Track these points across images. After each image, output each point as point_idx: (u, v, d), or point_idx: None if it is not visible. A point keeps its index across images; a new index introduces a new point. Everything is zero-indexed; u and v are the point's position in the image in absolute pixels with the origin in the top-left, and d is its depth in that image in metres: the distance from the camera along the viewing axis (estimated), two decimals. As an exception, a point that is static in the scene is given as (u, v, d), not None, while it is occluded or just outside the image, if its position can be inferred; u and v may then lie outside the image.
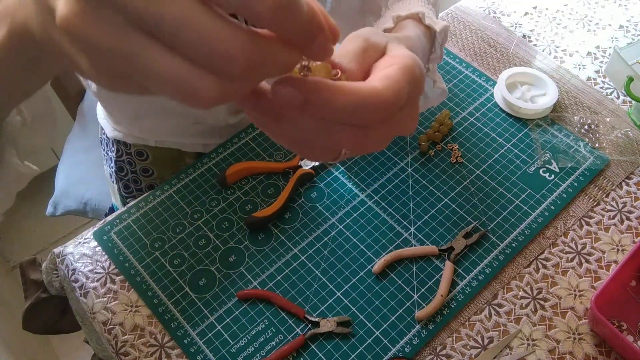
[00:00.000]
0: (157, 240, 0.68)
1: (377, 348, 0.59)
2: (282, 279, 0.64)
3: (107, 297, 0.64)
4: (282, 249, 0.66)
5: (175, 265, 0.66)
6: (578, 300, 0.62)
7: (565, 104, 0.79)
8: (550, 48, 0.87)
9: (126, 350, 0.60)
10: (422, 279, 0.63)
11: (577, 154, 0.73)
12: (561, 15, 0.92)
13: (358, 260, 0.65)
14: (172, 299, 0.63)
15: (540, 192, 0.70)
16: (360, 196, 0.71)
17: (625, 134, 0.75)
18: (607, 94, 0.81)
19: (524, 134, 0.76)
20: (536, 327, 0.60)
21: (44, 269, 0.70)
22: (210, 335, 0.61)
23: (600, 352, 0.59)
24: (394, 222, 0.68)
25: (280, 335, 0.60)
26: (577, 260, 0.65)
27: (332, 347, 0.59)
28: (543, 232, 0.67)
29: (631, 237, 0.67)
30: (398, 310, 0.61)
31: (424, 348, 0.59)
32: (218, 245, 0.67)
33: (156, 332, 0.62)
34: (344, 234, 0.67)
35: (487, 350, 0.59)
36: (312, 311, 0.62)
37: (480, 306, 0.62)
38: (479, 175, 0.72)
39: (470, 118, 0.78)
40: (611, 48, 0.86)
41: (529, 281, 0.63)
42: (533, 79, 0.79)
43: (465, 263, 0.65)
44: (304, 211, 0.70)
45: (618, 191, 0.70)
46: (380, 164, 0.73)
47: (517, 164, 0.73)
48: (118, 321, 0.62)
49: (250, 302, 0.63)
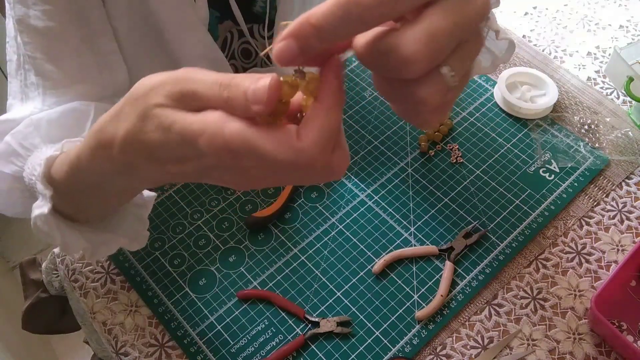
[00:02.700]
0: (157, 240, 0.68)
1: (377, 348, 0.59)
2: (282, 279, 0.64)
3: (107, 297, 0.64)
4: (282, 249, 0.66)
5: (175, 265, 0.66)
6: (578, 300, 0.62)
7: (565, 104, 0.79)
8: (550, 48, 0.87)
9: (126, 350, 0.60)
10: (422, 279, 0.63)
11: (577, 154, 0.73)
12: (561, 15, 0.92)
13: (358, 260, 0.65)
14: (172, 299, 0.63)
15: (540, 192, 0.70)
16: (360, 196, 0.71)
17: (625, 134, 0.75)
18: (607, 94, 0.81)
19: (524, 134, 0.76)
20: (536, 327, 0.60)
21: (44, 269, 0.70)
22: (210, 335, 0.61)
23: (600, 352, 0.59)
24: (394, 222, 0.68)
25: (280, 335, 0.60)
26: (577, 260, 0.65)
27: (332, 347, 0.59)
28: (543, 232, 0.67)
29: (631, 237, 0.67)
30: (398, 310, 0.61)
31: (424, 348, 0.59)
32: (218, 245, 0.67)
33: (156, 332, 0.61)
34: (344, 234, 0.67)
35: (487, 350, 0.59)
36: (312, 311, 0.62)
37: (480, 306, 0.62)
38: (479, 175, 0.72)
39: (470, 118, 0.78)
40: (611, 48, 0.86)
41: (529, 281, 0.63)
42: (533, 79, 0.79)
43: (465, 263, 0.65)
44: (304, 211, 0.70)
45: (618, 191, 0.70)
46: (380, 164, 0.73)
47: (517, 164, 0.73)
48: (118, 321, 0.62)
49: (250, 302, 0.63)
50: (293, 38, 0.27)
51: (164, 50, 0.64)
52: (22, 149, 0.52)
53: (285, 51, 0.27)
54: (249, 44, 0.74)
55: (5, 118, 0.55)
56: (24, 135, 0.53)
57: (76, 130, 0.55)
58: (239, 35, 0.73)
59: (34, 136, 0.53)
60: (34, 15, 0.54)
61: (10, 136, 0.53)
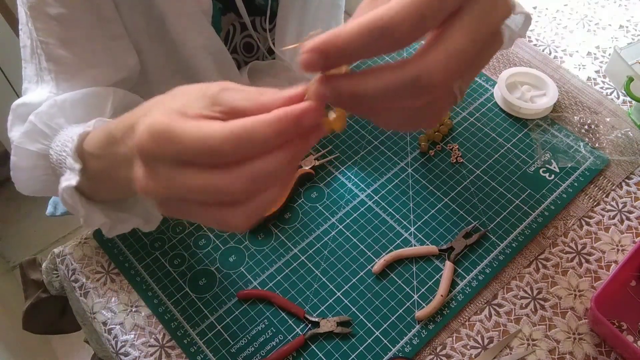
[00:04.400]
0: (157, 240, 0.68)
1: (377, 348, 0.59)
2: (282, 279, 0.64)
3: (107, 297, 0.64)
4: (282, 249, 0.66)
5: (175, 265, 0.66)
6: (578, 300, 0.62)
7: (565, 104, 0.79)
8: (550, 48, 0.87)
9: (126, 350, 0.60)
10: (422, 279, 0.63)
11: (577, 154, 0.73)
12: (561, 15, 0.92)
13: (358, 260, 0.65)
14: (172, 299, 0.63)
15: (540, 192, 0.70)
16: (360, 196, 0.71)
17: (625, 134, 0.75)
18: (607, 94, 0.81)
19: (524, 134, 0.76)
20: (536, 327, 0.60)
21: (44, 269, 0.70)
22: (210, 335, 0.61)
23: (600, 352, 0.59)
24: (394, 222, 0.68)
25: (280, 335, 0.60)
26: (577, 260, 0.65)
27: (332, 347, 0.59)
28: (543, 232, 0.67)
29: (631, 237, 0.67)
30: (398, 310, 0.61)
31: (424, 348, 0.59)
32: (218, 245, 0.67)
33: (156, 332, 0.61)
34: (344, 234, 0.67)
35: (487, 350, 0.59)
36: (312, 311, 0.62)
37: (480, 306, 0.62)
38: (479, 175, 0.72)
39: (470, 118, 0.78)
40: (611, 48, 0.86)
41: (529, 281, 0.63)
42: (533, 79, 0.79)
43: (465, 263, 0.65)
44: (304, 211, 0.70)
45: (618, 191, 0.70)
46: (380, 164, 0.73)
47: (517, 164, 0.73)
48: (118, 321, 0.62)
49: (250, 302, 0.63)
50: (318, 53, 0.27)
51: (166, 39, 0.65)
52: (48, 128, 0.54)
53: (310, 64, 0.28)
54: (251, 38, 0.75)
55: (23, 101, 0.57)
56: (49, 116, 0.55)
57: (97, 112, 0.57)
58: (242, 29, 0.73)
59: (59, 116, 0.55)
60: (47, 2, 0.55)
61: (35, 116, 0.55)
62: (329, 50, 0.27)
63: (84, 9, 0.57)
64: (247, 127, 0.29)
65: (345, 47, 0.27)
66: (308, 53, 0.27)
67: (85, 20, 0.58)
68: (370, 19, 0.26)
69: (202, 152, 0.29)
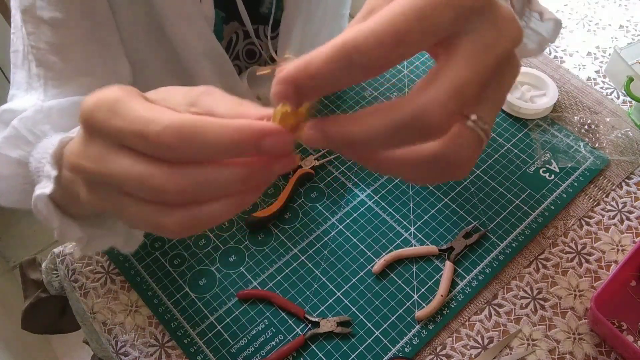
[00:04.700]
0: (157, 240, 0.68)
1: (377, 348, 0.59)
2: (282, 279, 0.64)
3: (107, 297, 0.64)
4: (282, 249, 0.66)
5: (175, 265, 0.66)
6: (578, 300, 0.62)
7: (565, 104, 0.79)
8: (550, 48, 0.87)
9: (126, 350, 0.60)
10: (422, 279, 0.63)
11: (577, 154, 0.73)
12: (561, 15, 0.92)
13: (358, 260, 0.65)
14: (172, 299, 0.63)
15: (540, 192, 0.70)
16: (360, 196, 0.71)
17: (625, 134, 0.75)
18: (607, 94, 0.81)
19: (524, 134, 0.76)
20: (536, 327, 0.60)
21: (44, 269, 0.70)
22: (210, 335, 0.61)
23: (600, 352, 0.59)
24: (394, 222, 0.68)
25: (280, 335, 0.60)
26: (577, 260, 0.65)
27: (332, 347, 0.59)
28: (543, 232, 0.67)
29: (631, 237, 0.67)
30: (398, 310, 0.61)
31: (424, 348, 0.59)
32: (218, 245, 0.67)
33: (156, 332, 0.61)
34: (344, 234, 0.67)
35: (487, 350, 0.59)
36: (312, 311, 0.62)
37: (480, 306, 0.62)
38: (478, 175, 0.72)
39: (470, 118, 0.78)
40: (611, 48, 0.86)
41: (529, 281, 0.63)
42: (533, 78, 0.79)
43: (465, 263, 0.65)
44: (304, 211, 0.69)
45: (618, 191, 0.70)
46: (380, 164, 0.73)
47: (517, 164, 0.73)
48: (118, 321, 0.62)
49: (250, 302, 0.63)
50: (289, 85, 0.26)
51: (166, 46, 0.64)
52: (31, 135, 0.51)
53: (282, 95, 0.26)
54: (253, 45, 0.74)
55: (8, 107, 0.54)
56: (34, 122, 0.52)
57: None
58: (244, 36, 0.73)
59: (45, 123, 0.52)
60: (40, 5, 0.54)
61: (18, 121, 0.52)
62: (301, 80, 0.25)
63: (79, 14, 0.56)
64: (197, 123, 0.26)
65: (318, 76, 0.24)
66: (279, 85, 0.26)
67: (80, 26, 0.56)
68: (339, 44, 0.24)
69: (142, 135, 0.27)
